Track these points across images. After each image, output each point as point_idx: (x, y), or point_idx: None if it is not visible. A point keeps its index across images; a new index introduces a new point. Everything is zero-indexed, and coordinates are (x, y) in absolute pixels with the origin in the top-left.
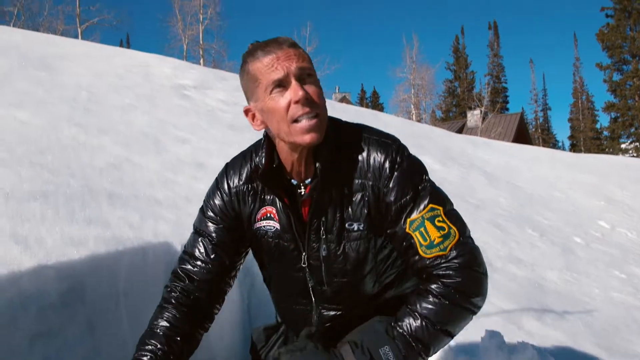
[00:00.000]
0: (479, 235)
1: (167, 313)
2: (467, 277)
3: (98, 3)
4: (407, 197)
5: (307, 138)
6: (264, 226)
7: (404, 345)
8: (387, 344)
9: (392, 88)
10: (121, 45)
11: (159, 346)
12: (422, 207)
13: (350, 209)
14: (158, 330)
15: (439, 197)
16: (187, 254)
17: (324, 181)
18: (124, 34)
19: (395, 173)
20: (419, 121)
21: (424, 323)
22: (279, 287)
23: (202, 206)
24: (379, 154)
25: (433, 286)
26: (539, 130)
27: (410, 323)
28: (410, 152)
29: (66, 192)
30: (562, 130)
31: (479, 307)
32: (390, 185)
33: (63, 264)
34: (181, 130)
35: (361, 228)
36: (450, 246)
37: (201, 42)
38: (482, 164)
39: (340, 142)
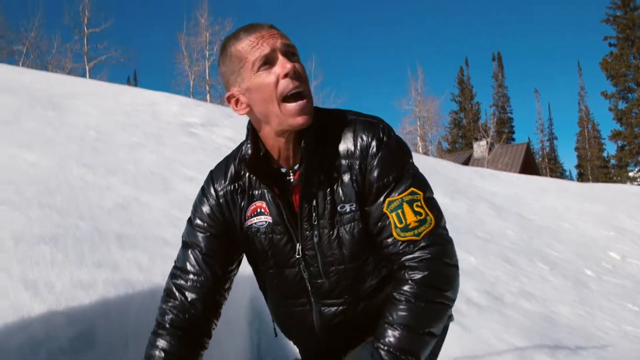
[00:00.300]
0: (489, 270)
1: (161, 340)
2: (437, 270)
3: (106, 41)
4: (390, 177)
5: (300, 120)
6: (255, 223)
7: None
8: None
9: (398, 120)
10: (128, 82)
11: None
12: (403, 188)
13: (340, 191)
14: None
15: (421, 182)
16: (179, 269)
17: (310, 163)
18: (131, 71)
19: (381, 152)
20: (425, 153)
21: (405, 332)
22: (274, 288)
23: (190, 217)
24: (366, 134)
25: (405, 288)
26: (546, 160)
27: (392, 336)
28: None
29: (75, 234)
30: (569, 160)
31: (453, 300)
32: (375, 163)
33: (72, 308)
34: (189, 168)
35: (353, 209)
36: (424, 233)
37: (207, 77)
38: (490, 196)
39: (325, 124)
